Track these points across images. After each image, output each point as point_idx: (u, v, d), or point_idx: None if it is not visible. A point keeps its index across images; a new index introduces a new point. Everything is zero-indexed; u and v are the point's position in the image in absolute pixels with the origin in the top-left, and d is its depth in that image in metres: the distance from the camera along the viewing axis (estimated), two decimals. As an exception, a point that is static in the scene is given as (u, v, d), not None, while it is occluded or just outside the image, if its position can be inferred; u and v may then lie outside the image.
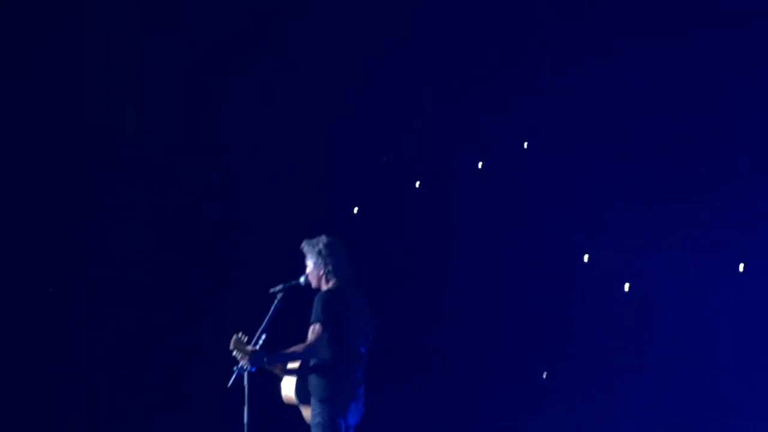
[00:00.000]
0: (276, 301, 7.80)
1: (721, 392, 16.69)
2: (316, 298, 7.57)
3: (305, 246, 7.82)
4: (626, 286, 23.86)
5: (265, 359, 7.50)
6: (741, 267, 23.33)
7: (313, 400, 7.57)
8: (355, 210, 23.75)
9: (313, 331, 7.46)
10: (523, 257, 22.75)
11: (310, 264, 7.78)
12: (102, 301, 22.37)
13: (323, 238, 7.85)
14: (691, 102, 22.11)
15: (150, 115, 23.17)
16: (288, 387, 7.73)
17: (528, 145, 23.39)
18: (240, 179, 22.98)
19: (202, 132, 22.49)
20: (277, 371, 7.78)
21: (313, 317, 7.47)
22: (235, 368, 7.62)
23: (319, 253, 7.72)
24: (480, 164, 23.61)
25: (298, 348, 7.54)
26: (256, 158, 22.84)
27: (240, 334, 7.56)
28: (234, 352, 7.54)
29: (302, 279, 7.86)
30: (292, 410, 7.96)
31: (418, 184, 24.50)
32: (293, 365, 7.71)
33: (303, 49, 22.44)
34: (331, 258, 7.71)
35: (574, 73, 23.05)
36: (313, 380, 7.54)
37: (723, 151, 23.25)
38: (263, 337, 7.64)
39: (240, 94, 22.61)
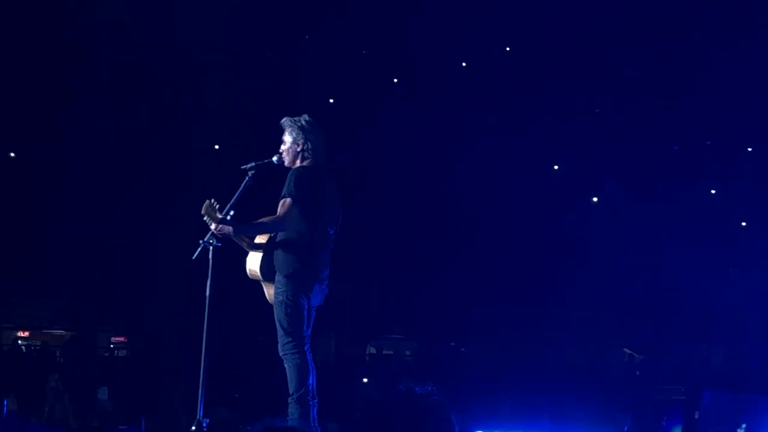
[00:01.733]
0: (247, 178, 7.56)
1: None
2: (290, 172, 7.31)
3: (286, 120, 7.53)
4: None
5: (233, 227, 7.28)
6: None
7: (277, 276, 7.36)
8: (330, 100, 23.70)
9: (284, 204, 7.20)
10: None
11: (288, 140, 7.49)
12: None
13: (305, 116, 7.60)
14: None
15: None
16: (253, 261, 7.52)
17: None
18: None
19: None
20: (244, 245, 7.56)
21: (285, 190, 7.22)
22: (201, 241, 7.41)
23: (301, 127, 7.44)
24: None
25: (267, 219, 7.33)
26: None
27: (212, 201, 7.33)
28: (205, 218, 7.32)
29: (275, 158, 7.61)
30: (256, 286, 7.80)
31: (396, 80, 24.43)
32: (261, 240, 7.49)
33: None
34: (311, 135, 7.45)
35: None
36: (280, 256, 7.32)
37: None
38: (231, 213, 7.42)
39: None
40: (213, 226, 7.26)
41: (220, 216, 7.27)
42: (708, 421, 6.59)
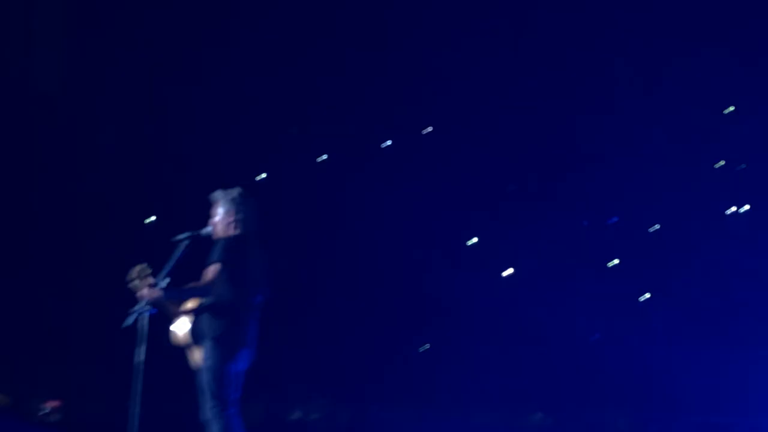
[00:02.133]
0: (180, 249, 7.59)
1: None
2: (218, 242, 7.40)
3: (219, 194, 7.64)
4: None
5: (164, 293, 7.27)
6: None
7: (205, 340, 7.39)
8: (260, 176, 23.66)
9: (212, 270, 7.28)
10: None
11: (220, 212, 7.60)
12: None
13: (238, 189, 7.70)
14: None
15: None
16: (182, 327, 7.54)
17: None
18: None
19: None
20: (173, 310, 7.55)
21: (213, 257, 7.30)
22: (133, 310, 7.38)
23: (233, 200, 7.57)
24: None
25: (196, 284, 7.37)
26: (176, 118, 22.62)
27: (144, 264, 7.34)
28: (134, 282, 7.30)
29: (208, 229, 7.67)
30: (182, 354, 7.76)
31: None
32: (189, 305, 7.52)
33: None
34: (243, 207, 7.58)
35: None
36: (207, 320, 7.38)
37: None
38: (167, 280, 7.42)
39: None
40: (144, 291, 7.27)
41: (152, 280, 7.31)
42: None
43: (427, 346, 23.29)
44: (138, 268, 7.15)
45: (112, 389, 20.82)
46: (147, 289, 7.01)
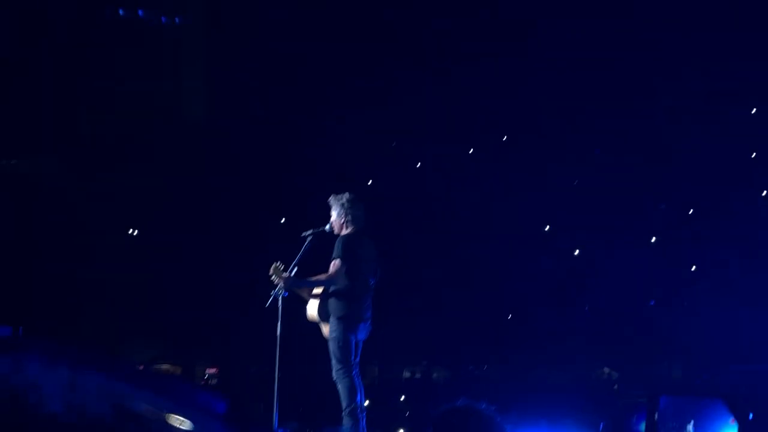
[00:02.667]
0: (306, 243, 7.70)
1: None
2: (338, 240, 7.51)
3: (332, 199, 7.74)
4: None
5: (296, 283, 7.43)
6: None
7: (331, 318, 7.50)
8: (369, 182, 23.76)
9: (334, 264, 7.43)
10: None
11: (334, 214, 7.70)
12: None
13: (347, 194, 7.75)
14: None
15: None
16: (312, 307, 7.68)
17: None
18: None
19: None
20: (305, 295, 7.68)
21: (334, 254, 7.42)
22: (272, 293, 7.53)
23: (342, 205, 7.64)
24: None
25: (322, 276, 7.50)
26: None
27: (278, 263, 7.49)
28: (272, 276, 7.45)
29: (327, 226, 7.75)
30: (314, 327, 7.84)
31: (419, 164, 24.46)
32: (317, 291, 7.63)
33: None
34: (351, 210, 7.62)
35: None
36: (333, 303, 7.49)
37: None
38: (295, 269, 7.54)
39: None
40: (280, 283, 7.43)
41: (285, 274, 7.45)
42: (664, 420, 6.63)
43: (509, 316, 23.08)
44: (274, 265, 7.30)
45: (259, 357, 21.23)
46: (283, 280, 7.19)
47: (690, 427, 6.78)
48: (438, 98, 22.07)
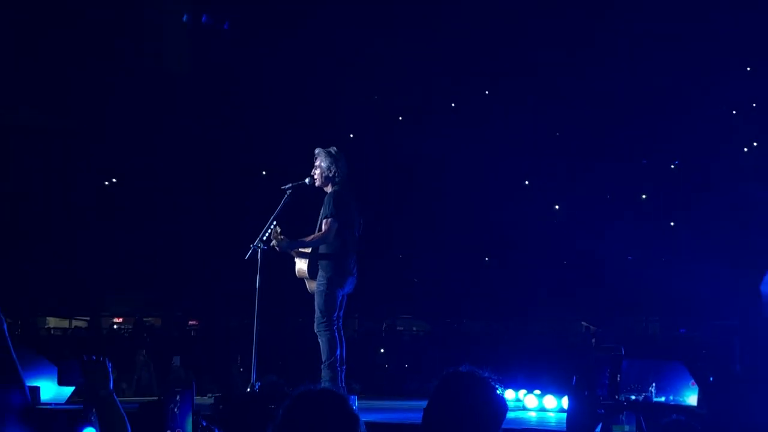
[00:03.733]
0: (285, 196, 7.63)
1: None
2: (327, 197, 7.46)
3: (319, 151, 7.64)
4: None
5: (291, 245, 7.43)
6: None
7: (320, 272, 7.49)
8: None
9: (326, 223, 7.38)
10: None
11: (322, 165, 7.57)
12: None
13: (332, 148, 7.68)
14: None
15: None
16: (302, 264, 7.65)
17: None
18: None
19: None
20: (293, 254, 7.67)
21: (326, 211, 7.37)
22: (251, 245, 7.47)
23: (331, 155, 7.54)
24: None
25: (316, 236, 7.48)
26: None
27: (276, 226, 7.46)
28: (272, 242, 7.44)
29: (308, 180, 7.67)
30: (295, 281, 7.80)
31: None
32: (306, 249, 7.61)
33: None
34: (339, 162, 7.54)
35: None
36: (323, 259, 7.50)
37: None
38: (274, 223, 7.47)
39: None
40: (277, 244, 7.43)
41: (282, 237, 7.44)
42: (626, 382, 6.72)
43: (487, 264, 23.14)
44: (274, 231, 7.27)
45: (239, 309, 21.27)
46: (279, 241, 7.18)
47: (652, 389, 6.86)
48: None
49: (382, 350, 20.09)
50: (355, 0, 21.75)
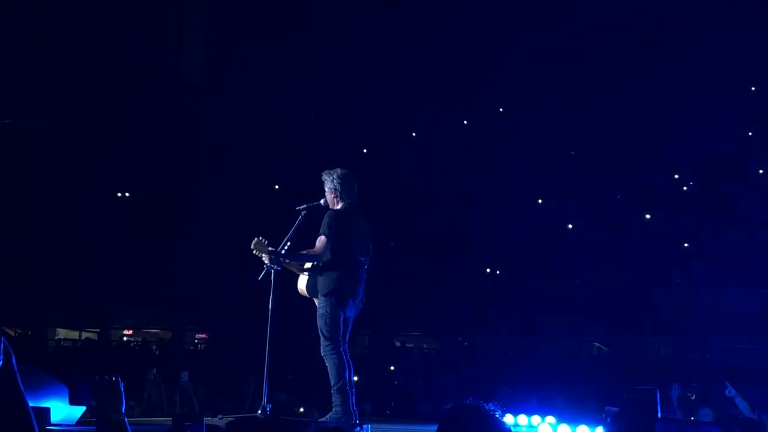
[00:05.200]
0: (300, 217, 7.55)
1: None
2: (325, 215, 7.34)
3: (324, 174, 7.58)
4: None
5: (280, 258, 7.26)
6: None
7: (319, 294, 7.36)
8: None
9: (320, 240, 7.24)
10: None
11: (326, 188, 7.53)
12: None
13: (338, 170, 7.59)
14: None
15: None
16: (302, 282, 7.52)
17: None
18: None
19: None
20: (295, 270, 7.53)
21: (320, 230, 7.26)
22: (264, 266, 7.39)
23: (333, 179, 7.47)
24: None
25: (307, 252, 7.34)
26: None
27: (260, 238, 7.32)
28: (255, 251, 7.29)
29: (322, 201, 7.60)
30: (306, 301, 7.74)
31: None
32: (308, 266, 7.47)
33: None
34: (341, 185, 7.45)
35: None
36: (320, 279, 7.33)
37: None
38: (288, 244, 7.38)
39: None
40: (265, 258, 7.27)
41: (271, 249, 7.29)
42: None
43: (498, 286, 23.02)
44: (256, 240, 7.17)
45: (251, 327, 21.20)
46: (267, 254, 7.07)
47: None
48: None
49: (392, 368, 19.97)
50: (366, 13, 21.77)
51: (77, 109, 21.67)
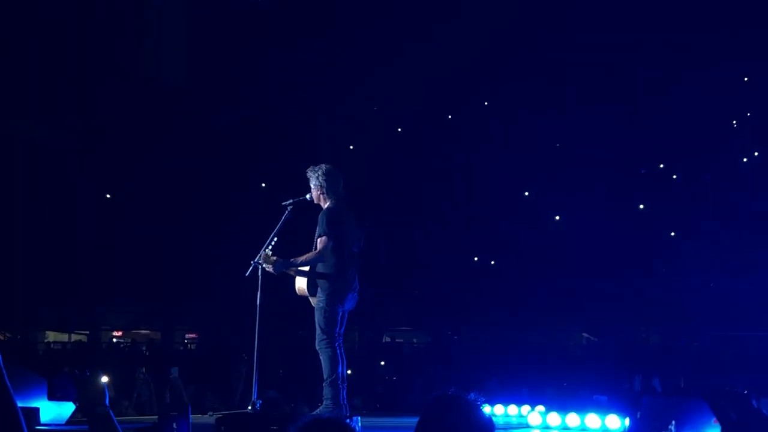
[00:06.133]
0: (286, 212, 7.56)
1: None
2: (321, 214, 7.35)
3: (308, 172, 7.59)
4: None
5: (285, 266, 7.33)
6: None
7: (319, 290, 7.39)
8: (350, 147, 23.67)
9: (321, 241, 7.27)
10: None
11: (312, 185, 7.55)
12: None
13: (323, 166, 7.59)
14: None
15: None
16: (301, 282, 7.55)
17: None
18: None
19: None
20: (292, 272, 7.58)
21: (320, 230, 7.28)
22: (252, 262, 7.40)
23: (318, 176, 7.49)
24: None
25: (310, 255, 7.37)
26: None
27: (268, 250, 7.36)
28: (263, 265, 7.33)
29: (308, 196, 7.62)
30: (296, 297, 7.75)
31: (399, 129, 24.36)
32: (304, 267, 7.52)
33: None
34: (327, 181, 7.46)
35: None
36: (320, 275, 7.38)
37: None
38: (275, 239, 7.39)
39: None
40: (270, 268, 7.32)
41: (275, 258, 7.34)
42: (646, 420, 6.57)
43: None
44: (264, 253, 7.22)
45: (240, 323, 21.13)
46: (272, 264, 7.14)
47: (672, 427, 6.72)
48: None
49: (382, 363, 19.99)
50: (358, 15, 21.79)
51: (62, 110, 21.58)
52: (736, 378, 15.42)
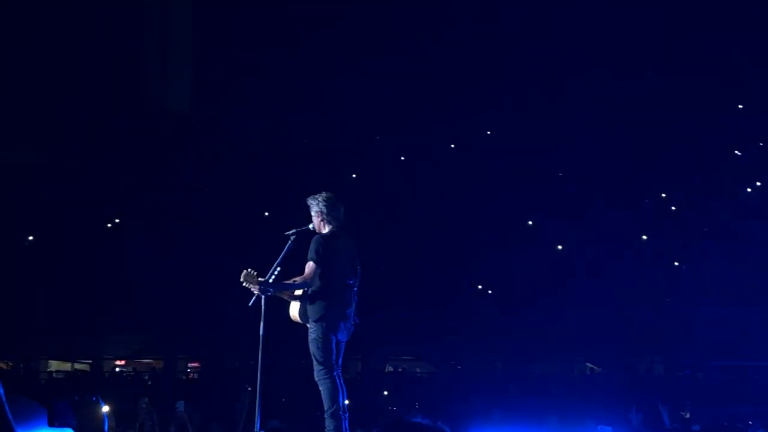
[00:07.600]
0: (289, 242, 7.55)
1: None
2: (312, 241, 7.35)
3: (309, 200, 7.60)
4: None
5: (270, 288, 7.26)
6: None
7: (310, 320, 7.35)
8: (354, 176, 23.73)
9: (308, 266, 7.24)
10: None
11: (313, 213, 7.55)
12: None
13: (323, 194, 7.60)
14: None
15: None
16: (294, 309, 7.51)
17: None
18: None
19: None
20: (285, 297, 7.53)
21: (308, 255, 7.27)
22: (255, 294, 7.37)
23: (318, 204, 7.49)
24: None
25: (297, 279, 7.33)
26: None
27: (249, 269, 7.31)
28: (244, 283, 7.28)
29: (311, 225, 7.62)
30: (297, 326, 7.73)
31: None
32: (298, 292, 7.47)
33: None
34: (326, 209, 7.47)
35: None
36: (310, 305, 7.33)
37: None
38: (278, 269, 7.37)
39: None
40: (255, 289, 7.25)
41: (260, 279, 7.28)
42: None
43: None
44: (246, 272, 7.19)
45: (242, 352, 21.09)
46: (257, 285, 7.10)
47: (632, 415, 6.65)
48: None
49: (385, 393, 19.89)
50: (349, 28, 21.90)
51: (62, 137, 21.69)
52: (740, 409, 15.33)
